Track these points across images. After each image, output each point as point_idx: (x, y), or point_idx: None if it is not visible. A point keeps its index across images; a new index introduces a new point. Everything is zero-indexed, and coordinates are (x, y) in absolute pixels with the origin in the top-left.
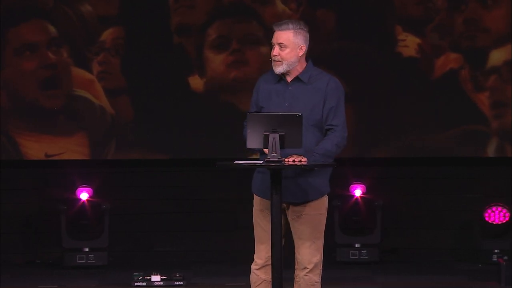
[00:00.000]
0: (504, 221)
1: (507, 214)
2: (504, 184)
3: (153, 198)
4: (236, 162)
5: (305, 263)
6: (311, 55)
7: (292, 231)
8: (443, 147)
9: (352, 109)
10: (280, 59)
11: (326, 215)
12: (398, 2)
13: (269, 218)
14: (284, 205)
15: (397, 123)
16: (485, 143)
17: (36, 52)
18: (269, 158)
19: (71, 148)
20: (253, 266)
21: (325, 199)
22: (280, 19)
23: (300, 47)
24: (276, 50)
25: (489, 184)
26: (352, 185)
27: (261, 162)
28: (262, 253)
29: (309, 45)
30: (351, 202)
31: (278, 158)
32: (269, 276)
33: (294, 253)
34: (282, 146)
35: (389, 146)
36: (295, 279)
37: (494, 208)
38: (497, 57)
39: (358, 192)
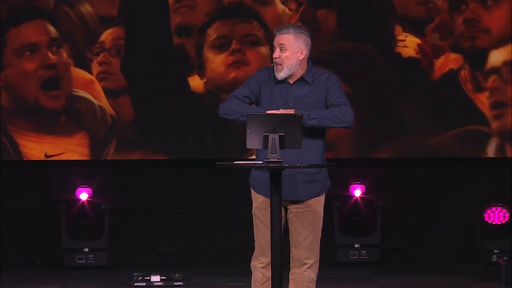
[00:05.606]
0: (504, 222)
1: (507, 215)
2: (504, 184)
3: (153, 199)
4: (236, 162)
5: (305, 259)
6: (311, 55)
7: (291, 229)
8: (443, 148)
9: (352, 109)
10: (280, 62)
11: (323, 214)
12: (398, 2)
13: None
14: (286, 203)
15: (396, 123)
16: (485, 143)
17: (37, 52)
18: (269, 158)
19: (71, 149)
20: (258, 265)
21: (324, 196)
22: (280, 20)
23: (300, 50)
24: (276, 52)
25: (489, 185)
26: (352, 186)
27: (261, 162)
28: (268, 252)
29: (310, 49)
30: (351, 203)
31: (278, 158)
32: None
33: (288, 252)
34: (282, 147)
35: (389, 146)
36: (290, 277)
37: (494, 209)
38: (497, 57)
39: (358, 193)
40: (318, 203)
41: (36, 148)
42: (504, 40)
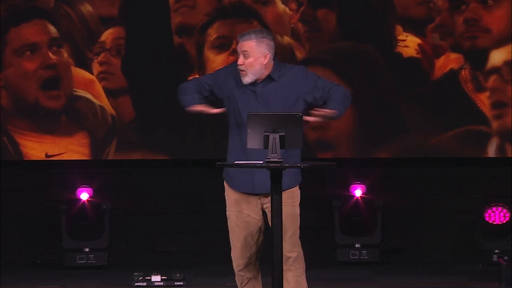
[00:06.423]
0: (504, 221)
1: (507, 214)
2: (504, 184)
3: (153, 198)
4: (236, 162)
5: (288, 253)
6: (311, 55)
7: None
8: (444, 148)
9: (352, 109)
10: (244, 69)
11: (299, 212)
12: (399, 2)
13: (245, 217)
14: (259, 200)
15: (397, 123)
16: (486, 143)
17: (37, 52)
18: (269, 158)
19: (71, 148)
20: (236, 268)
21: (298, 190)
22: (281, 20)
23: (264, 55)
24: (240, 59)
25: (489, 185)
26: (352, 185)
27: (261, 162)
28: (244, 254)
29: (275, 51)
30: (351, 203)
31: (278, 158)
32: (251, 274)
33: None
34: (282, 146)
35: (390, 146)
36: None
37: (494, 208)
38: (497, 57)
39: (358, 192)
40: (292, 198)
41: (36, 148)
42: (504, 40)
